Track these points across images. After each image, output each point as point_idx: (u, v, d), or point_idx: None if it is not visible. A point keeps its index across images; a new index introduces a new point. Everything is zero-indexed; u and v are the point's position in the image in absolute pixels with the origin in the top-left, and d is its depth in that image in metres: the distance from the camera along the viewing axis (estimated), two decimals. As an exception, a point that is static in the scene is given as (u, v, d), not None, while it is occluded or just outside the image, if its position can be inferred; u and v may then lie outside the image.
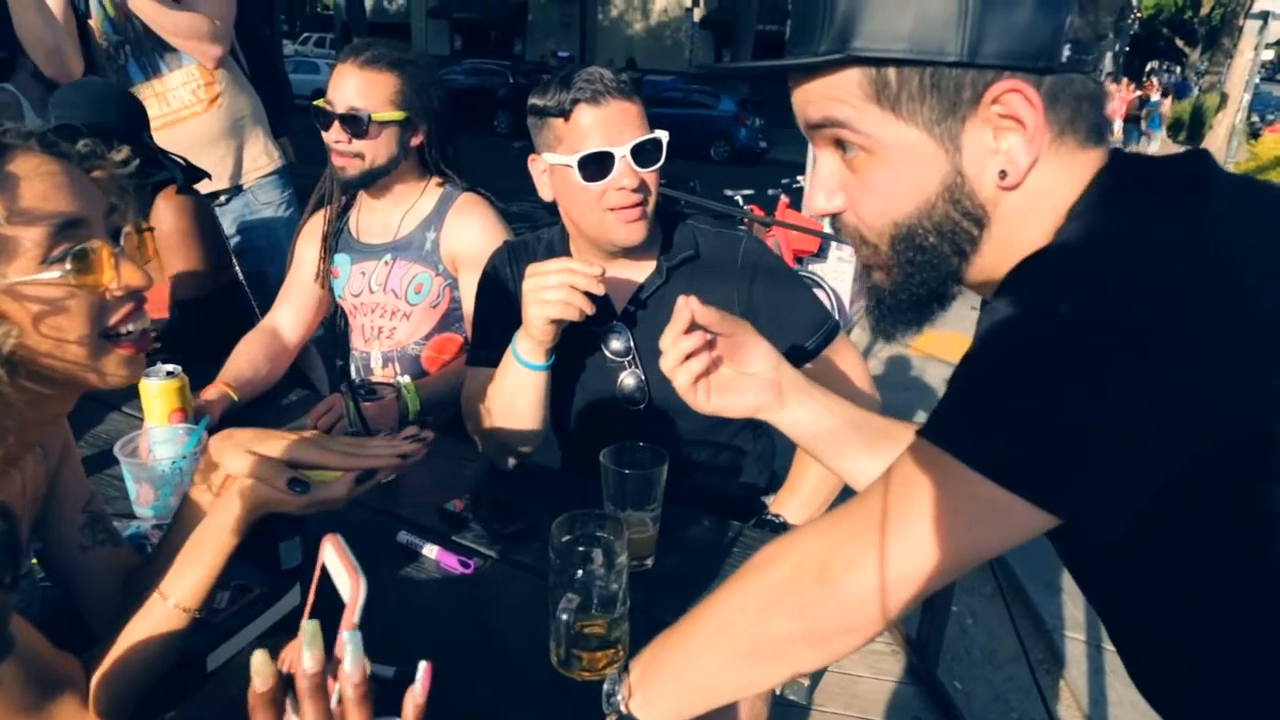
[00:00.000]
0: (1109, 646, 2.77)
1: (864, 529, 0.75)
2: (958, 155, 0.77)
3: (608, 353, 1.62)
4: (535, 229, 1.80)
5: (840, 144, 0.82)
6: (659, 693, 0.87)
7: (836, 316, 2.11)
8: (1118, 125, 16.63)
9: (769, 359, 1.14)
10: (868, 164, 0.80)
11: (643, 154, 1.47)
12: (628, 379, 1.61)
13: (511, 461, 1.60)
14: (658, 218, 1.62)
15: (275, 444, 1.01)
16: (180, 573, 0.98)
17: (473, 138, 1.89)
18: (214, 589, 1.00)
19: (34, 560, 1.16)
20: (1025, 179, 0.77)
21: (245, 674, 0.72)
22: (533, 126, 1.53)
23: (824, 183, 0.85)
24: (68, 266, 0.86)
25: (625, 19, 35.75)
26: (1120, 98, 17.14)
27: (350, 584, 0.75)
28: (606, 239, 1.53)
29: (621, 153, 1.45)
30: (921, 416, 4.69)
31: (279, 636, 1.16)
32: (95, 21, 2.63)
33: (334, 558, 0.77)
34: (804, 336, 1.58)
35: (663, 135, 1.48)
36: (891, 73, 0.76)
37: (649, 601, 1.26)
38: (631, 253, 1.58)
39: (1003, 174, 0.77)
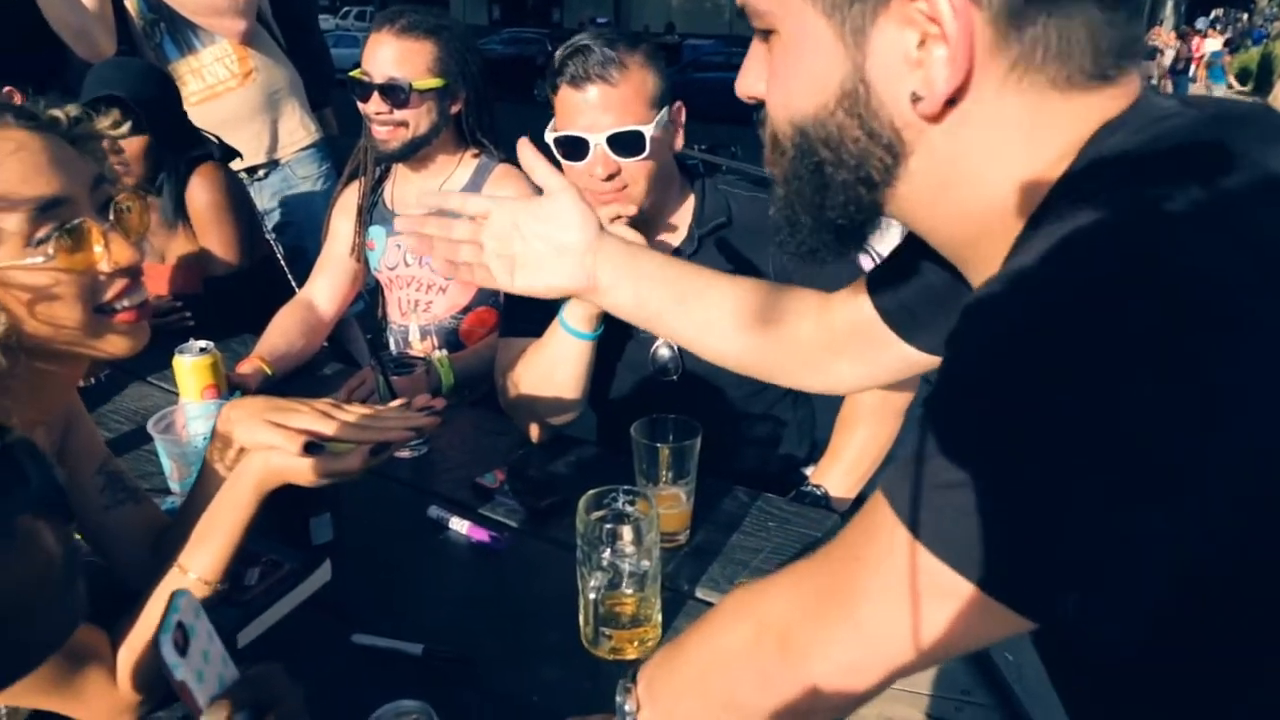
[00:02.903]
0: None
1: (827, 602, 0.65)
2: (859, 56, 0.62)
3: (641, 323, 1.58)
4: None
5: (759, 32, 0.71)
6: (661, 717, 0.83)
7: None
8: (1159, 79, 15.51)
9: (584, 231, 1.02)
10: (775, 47, 0.68)
11: (621, 143, 1.41)
12: (661, 350, 1.58)
13: (537, 434, 1.57)
14: (691, 183, 1.57)
15: (287, 414, 0.99)
16: (198, 546, 0.97)
17: (512, 107, 1.85)
18: (235, 562, 0.99)
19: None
20: (949, 113, 0.61)
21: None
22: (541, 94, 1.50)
23: (747, 63, 0.73)
24: (51, 251, 0.84)
25: (664, -18, 35.23)
26: (1164, 42, 16.13)
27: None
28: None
29: (596, 140, 1.40)
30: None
31: (309, 613, 1.17)
32: (130, 0, 2.63)
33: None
34: (841, 301, 1.53)
35: (648, 129, 1.40)
36: None
37: (683, 577, 1.23)
38: (662, 220, 1.54)
39: (915, 97, 0.61)
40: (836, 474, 1.57)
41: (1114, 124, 0.60)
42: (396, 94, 1.79)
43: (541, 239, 1.03)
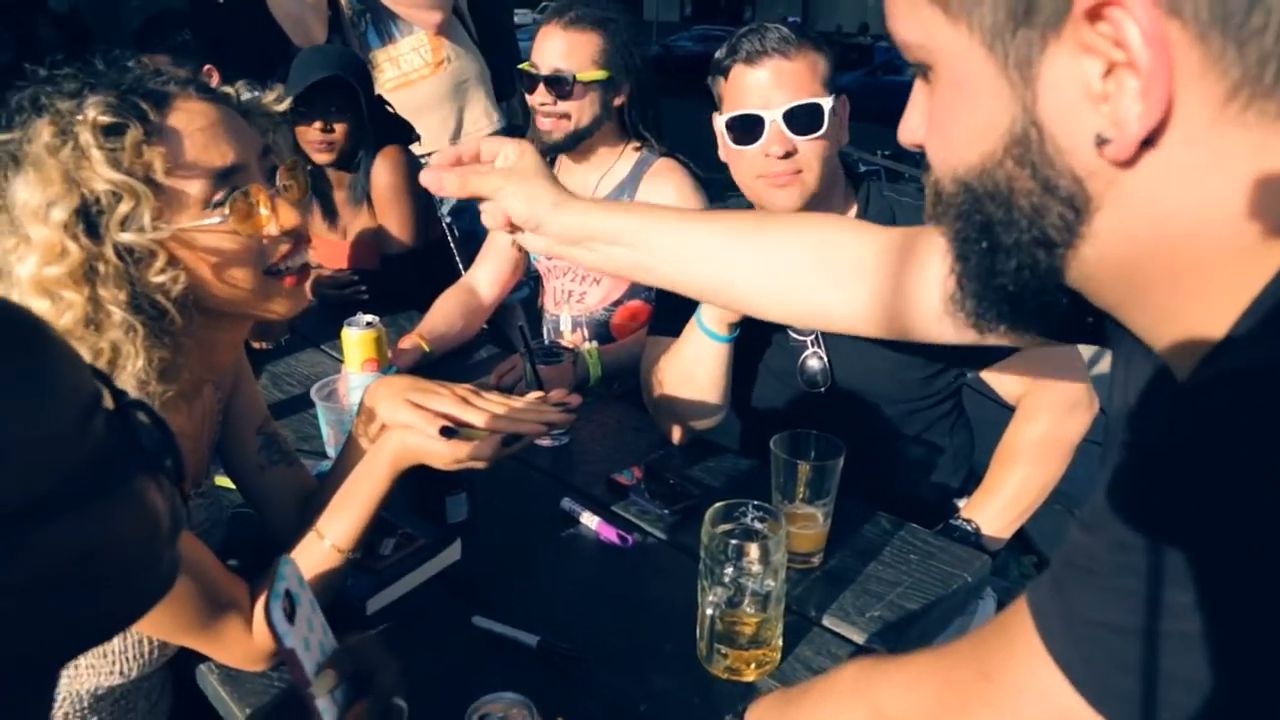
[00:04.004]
0: None
1: (948, 716, 0.60)
2: (1028, 94, 0.51)
3: (791, 333, 1.53)
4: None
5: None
6: None
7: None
8: None
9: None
10: (935, 86, 0.58)
11: (797, 119, 1.35)
12: (811, 360, 1.51)
13: (678, 435, 1.55)
14: (853, 185, 1.49)
15: (428, 396, 1.02)
16: (335, 515, 1.01)
17: (696, 103, 1.86)
18: (369, 532, 1.03)
19: (221, 484, 1.25)
20: (1145, 156, 0.48)
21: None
22: (711, 86, 1.47)
23: (909, 106, 0.63)
24: (228, 212, 0.90)
25: (861, -18, 34.39)
26: None
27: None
28: (761, 207, 1.44)
29: (771, 116, 1.35)
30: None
31: (435, 589, 1.19)
32: None
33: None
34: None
35: (825, 102, 1.35)
36: None
37: (811, 603, 1.18)
38: None
39: (1100, 139, 0.49)
40: (990, 511, 1.45)
41: None
42: (561, 85, 1.81)
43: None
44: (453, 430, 0.99)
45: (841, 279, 0.98)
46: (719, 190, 1.95)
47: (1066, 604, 0.51)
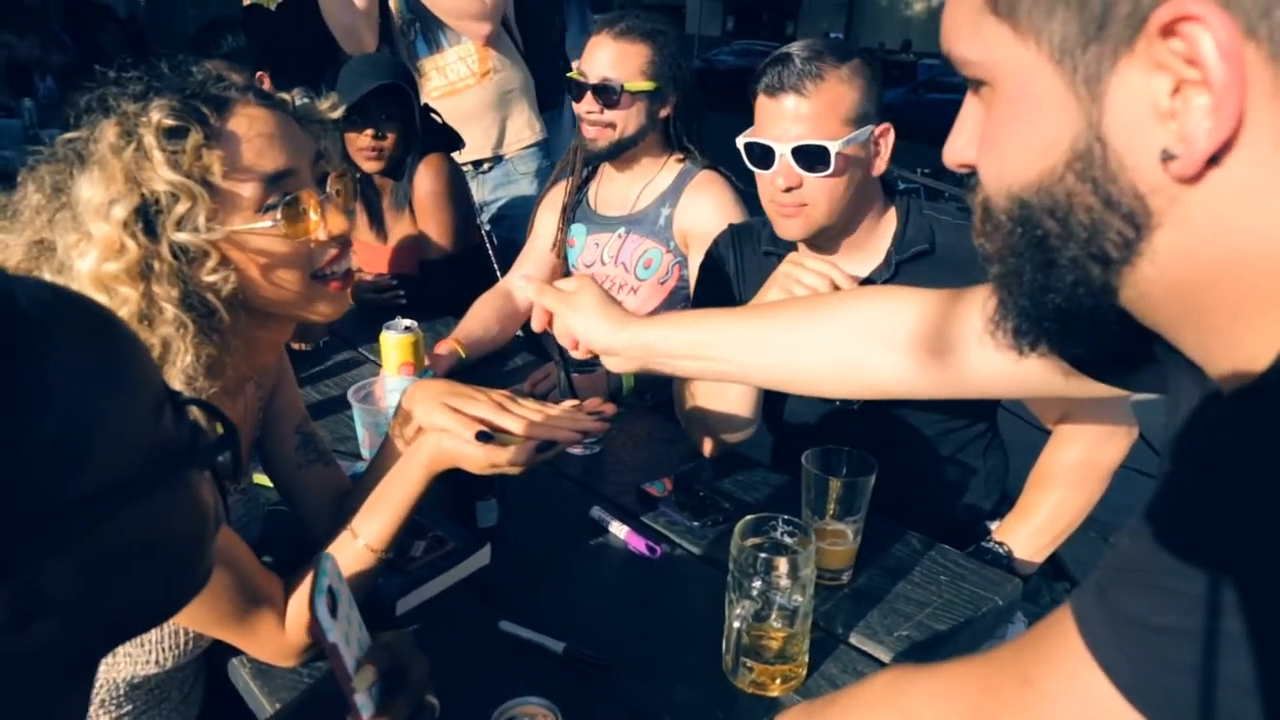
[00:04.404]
0: None
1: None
2: (1095, 110, 0.51)
3: (827, 347, 1.52)
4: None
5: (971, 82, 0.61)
6: None
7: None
8: None
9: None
10: (990, 103, 0.58)
11: (805, 155, 1.36)
12: (845, 377, 1.51)
13: (709, 448, 1.55)
14: (893, 206, 1.49)
15: (465, 400, 1.03)
16: (369, 515, 1.02)
17: (732, 117, 1.88)
18: (401, 533, 1.04)
19: (259, 482, 1.27)
20: (1210, 174, 0.49)
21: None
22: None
23: (958, 124, 0.63)
24: (279, 216, 0.92)
25: (904, -1, 34.27)
26: None
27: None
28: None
29: (781, 150, 1.37)
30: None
31: (464, 592, 1.21)
32: (394, 1, 2.86)
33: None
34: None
35: (834, 145, 1.34)
36: None
37: (839, 620, 1.17)
38: (856, 243, 1.47)
39: (1166, 155, 0.49)
40: (1023, 535, 1.44)
41: None
42: (608, 94, 1.83)
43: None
44: (488, 435, 1.00)
45: (892, 348, 1.01)
46: (758, 204, 1.95)
47: (1112, 607, 0.51)
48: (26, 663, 0.47)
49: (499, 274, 2.47)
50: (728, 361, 1.09)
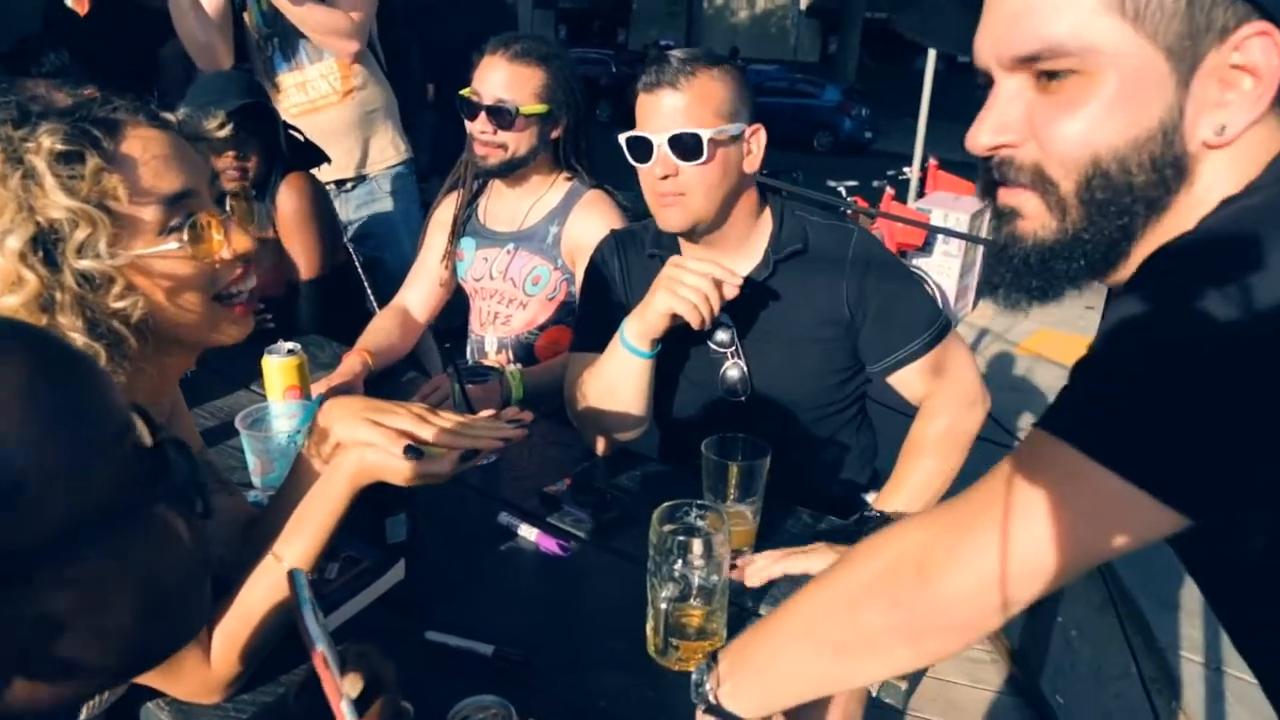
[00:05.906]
0: (1232, 670, 2.61)
1: (971, 523, 0.71)
2: (1184, 93, 0.68)
3: (711, 344, 1.60)
4: (639, 219, 1.80)
5: (1041, 74, 0.72)
6: (747, 683, 0.85)
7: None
8: None
9: None
10: (1078, 86, 0.70)
11: (680, 145, 1.45)
12: (730, 370, 1.60)
13: (602, 447, 1.60)
14: (768, 207, 1.59)
15: (386, 414, 1.04)
16: (292, 536, 1.01)
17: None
18: (325, 552, 1.04)
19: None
20: (1228, 144, 0.69)
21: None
22: None
23: (999, 113, 0.74)
24: (184, 237, 0.91)
25: (730, 7, 35.40)
26: None
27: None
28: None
29: (658, 141, 1.45)
30: (1028, 418, 4.51)
31: (383, 610, 1.20)
32: (249, 15, 2.75)
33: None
34: (915, 334, 1.54)
35: (705, 132, 1.43)
36: None
37: (747, 594, 1.25)
38: (735, 242, 1.56)
39: (1221, 128, 0.68)
40: (899, 501, 1.56)
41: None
42: (503, 116, 1.85)
43: None
44: (418, 450, 1.01)
45: None
46: (644, 218, 2.03)
47: (1077, 408, 0.67)
48: None
49: (369, 292, 2.43)
50: None
